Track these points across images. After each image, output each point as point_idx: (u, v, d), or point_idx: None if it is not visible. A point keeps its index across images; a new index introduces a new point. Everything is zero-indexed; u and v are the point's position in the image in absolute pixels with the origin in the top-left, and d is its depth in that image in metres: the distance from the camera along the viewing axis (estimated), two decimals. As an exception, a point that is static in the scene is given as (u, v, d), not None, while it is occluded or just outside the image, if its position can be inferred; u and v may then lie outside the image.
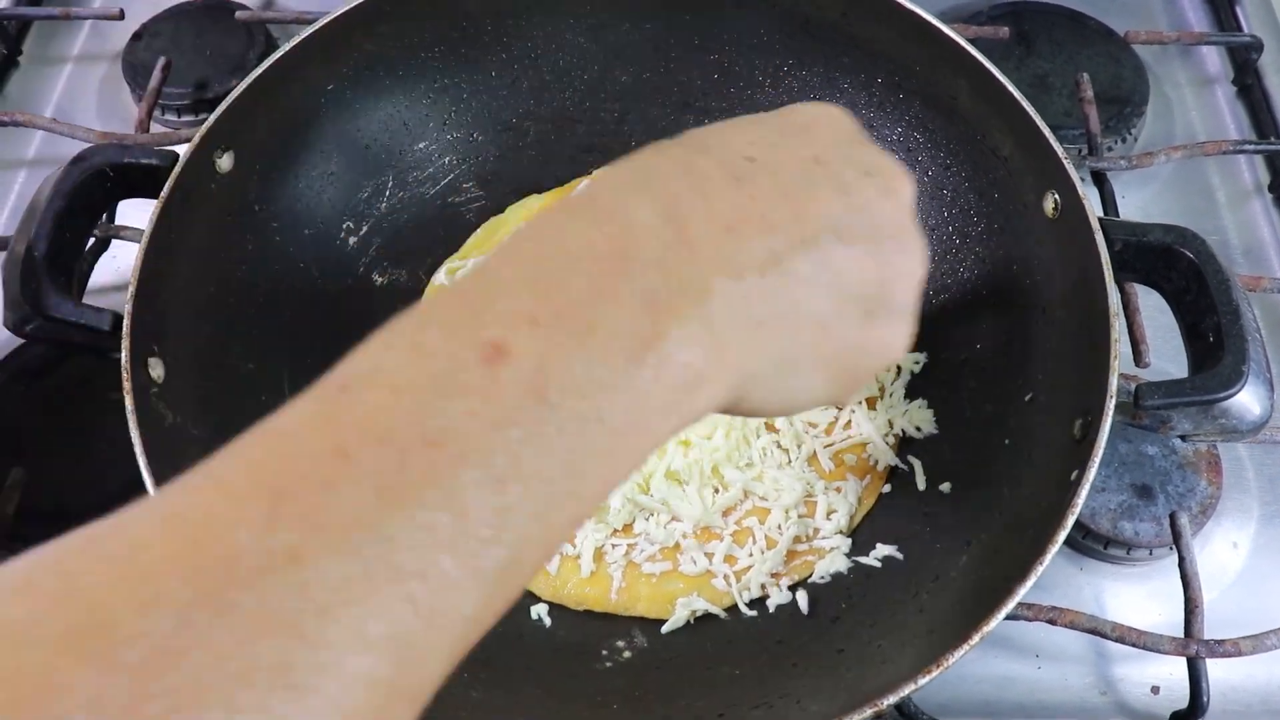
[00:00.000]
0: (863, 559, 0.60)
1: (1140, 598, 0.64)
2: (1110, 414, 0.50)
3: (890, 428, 0.64)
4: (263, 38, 0.88)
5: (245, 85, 0.62)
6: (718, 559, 0.60)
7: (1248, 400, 0.51)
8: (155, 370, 0.55)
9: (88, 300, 0.57)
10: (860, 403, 0.65)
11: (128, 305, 0.55)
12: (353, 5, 0.65)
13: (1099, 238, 0.54)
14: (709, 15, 0.72)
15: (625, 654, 0.58)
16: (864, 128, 0.75)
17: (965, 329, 0.65)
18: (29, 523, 0.63)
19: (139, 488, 0.50)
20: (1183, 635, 0.58)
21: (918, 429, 0.64)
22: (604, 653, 0.58)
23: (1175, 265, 0.55)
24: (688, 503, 0.61)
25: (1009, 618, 0.48)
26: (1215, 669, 0.58)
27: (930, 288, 0.67)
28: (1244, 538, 0.66)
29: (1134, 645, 0.57)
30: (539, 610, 0.60)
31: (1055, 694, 0.61)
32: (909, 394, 0.66)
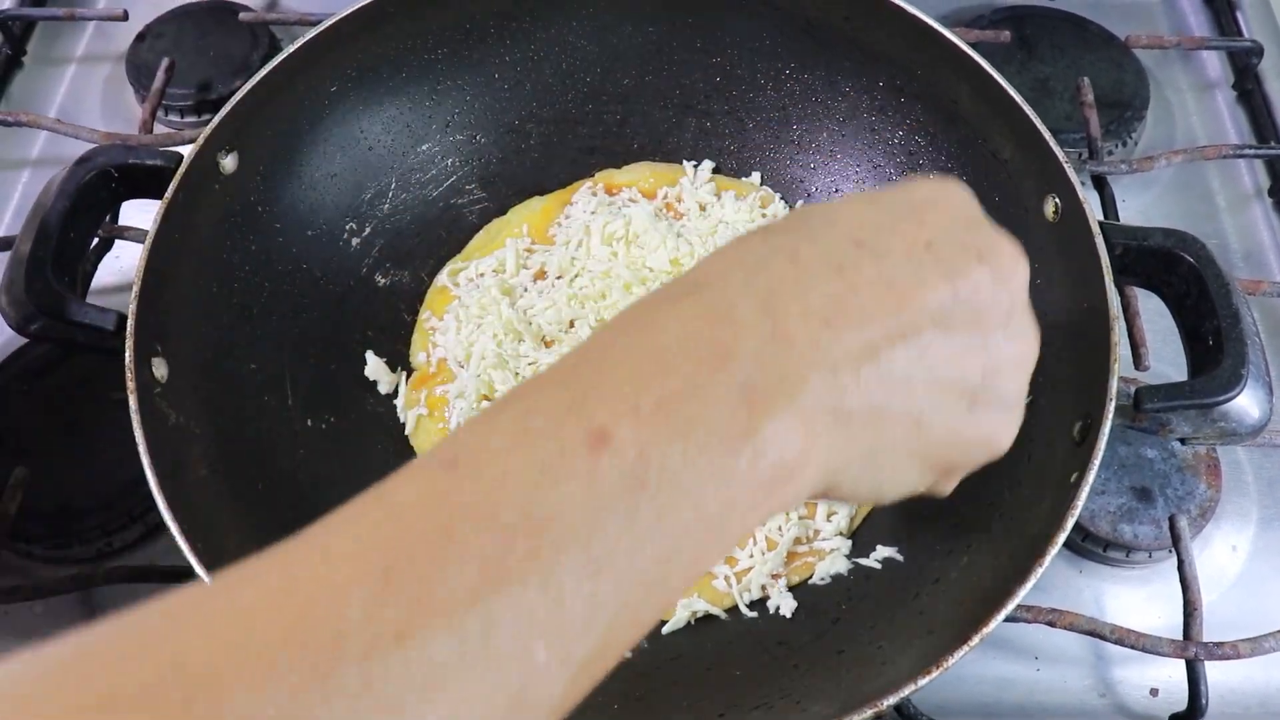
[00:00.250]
0: (863, 560, 0.60)
1: (1139, 600, 0.64)
2: (1110, 417, 0.50)
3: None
4: (266, 39, 0.88)
5: (249, 86, 0.62)
6: (718, 560, 0.60)
7: (1247, 403, 0.51)
8: (158, 370, 0.55)
9: (91, 300, 0.57)
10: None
11: (131, 305, 0.55)
12: (356, 7, 0.65)
13: (1099, 241, 0.55)
14: (711, 18, 0.72)
15: (625, 654, 0.58)
16: (866, 130, 0.75)
17: (966, 332, 0.65)
18: (32, 522, 0.63)
19: (142, 486, 0.51)
20: (1181, 638, 0.58)
21: (918, 431, 0.64)
22: (605, 653, 0.58)
23: (1175, 269, 0.55)
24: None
25: (1008, 619, 0.48)
26: (1214, 671, 0.59)
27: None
28: (1243, 541, 0.66)
29: (1133, 647, 0.57)
30: (540, 610, 0.60)
31: (1054, 696, 0.61)
32: (909, 396, 0.66)
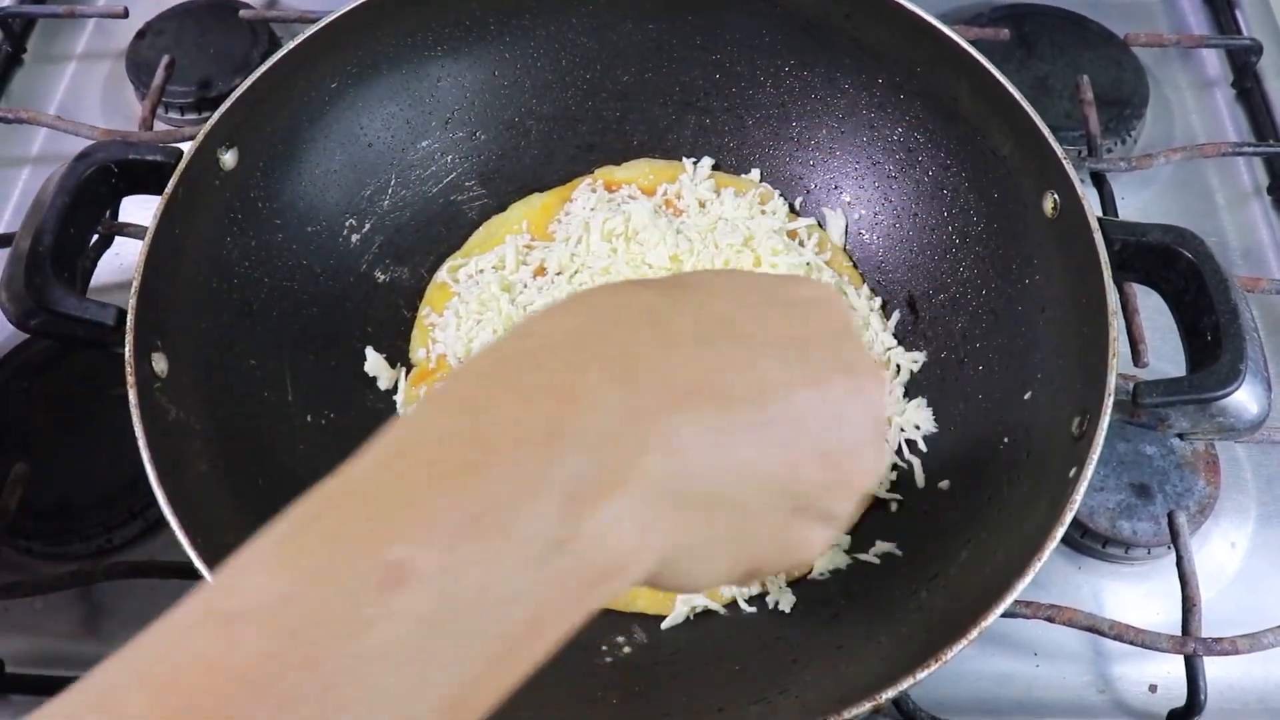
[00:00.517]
0: (862, 556, 0.60)
1: (1138, 596, 0.64)
2: (1108, 412, 0.50)
3: (889, 426, 0.64)
4: (266, 36, 0.88)
5: (250, 82, 0.62)
6: (717, 556, 0.60)
7: (1245, 399, 0.51)
8: (158, 365, 0.55)
9: (91, 298, 0.57)
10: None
11: (131, 300, 0.55)
12: (356, 4, 0.65)
13: (1098, 237, 0.55)
14: (711, 15, 0.72)
15: (625, 649, 0.58)
16: (865, 127, 0.75)
17: (964, 328, 0.65)
18: (31, 518, 0.63)
19: (142, 482, 0.51)
20: (1180, 634, 0.58)
21: (916, 427, 0.64)
22: (604, 648, 0.58)
23: (1174, 265, 0.55)
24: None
25: (1007, 615, 0.48)
26: (1212, 667, 0.59)
27: (930, 286, 0.68)
28: (1241, 537, 0.66)
29: (1132, 643, 0.57)
30: (539, 606, 0.60)
31: (1053, 692, 0.61)
32: (908, 392, 0.66)
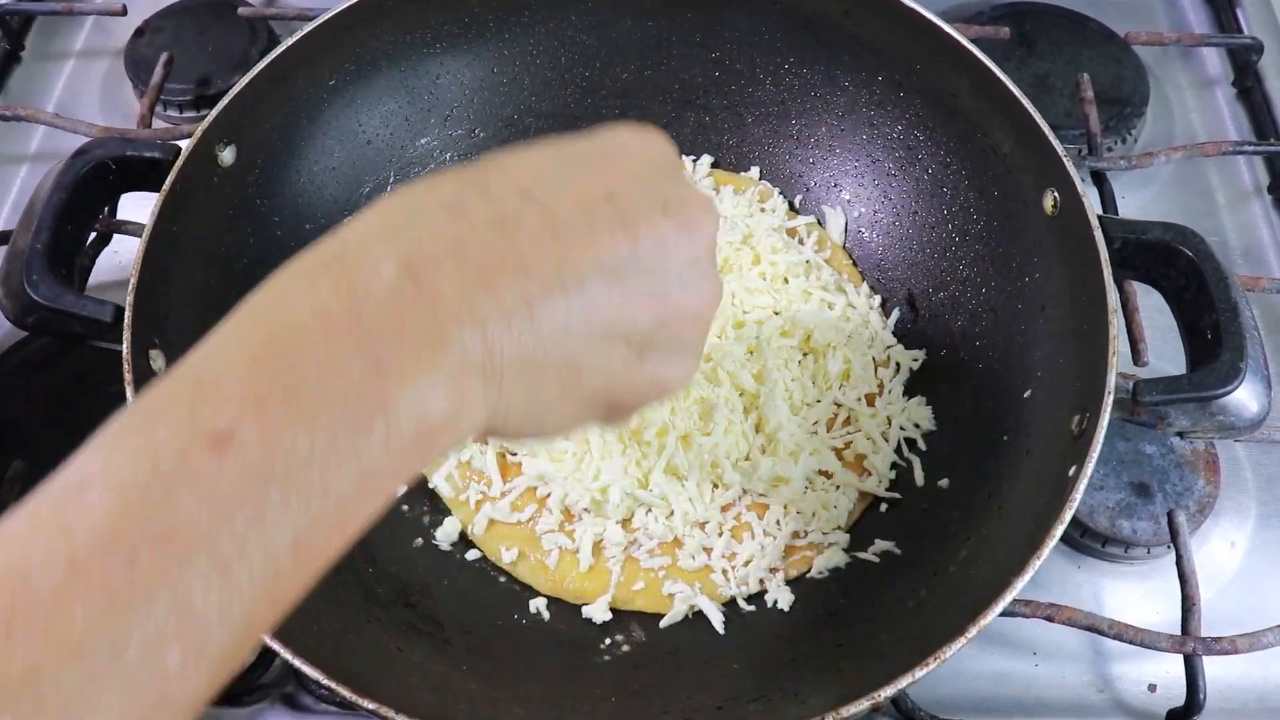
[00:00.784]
0: (861, 554, 0.60)
1: (1138, 596, 0.64)
2: (1108, 410, 0.50)
3: (889, 424, 0.64)
4: (265, 34, 0.88)
5: (248, 79, 0.62)
6: (717, 554, 0.60)
7: (1245, 397, 0.51)
8: (156, 362, 0.55)
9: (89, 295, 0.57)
10: (859, 399, 0.65)
11: (129, 297, 0.55)
12: (355, 1, 0.65)
13: (1098, 235, 0.55)
14: (710, 13, 0.72)
15: (624, 648, 0.58)
16: (865, 125, 0.75)
17: (964, 326, 0.65)
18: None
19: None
20: (1180, 633, 0.58)
21: (916, 426, 0.64)
22: (602, 646, 0.58)
23: (1174, 263, 0.55)
24: (687, 498, 0.61)
25: (1007, 614, 0.48)
26: (1212, 667, 0.58)
27: (930, 284, 0.68)
28: (1241, 537, 0.66)
29: (1131, 643, 0.57)
30: (538, 604, 0.60)
31: (1052, 691, 0.61)
32: (907, 391, 0.66)
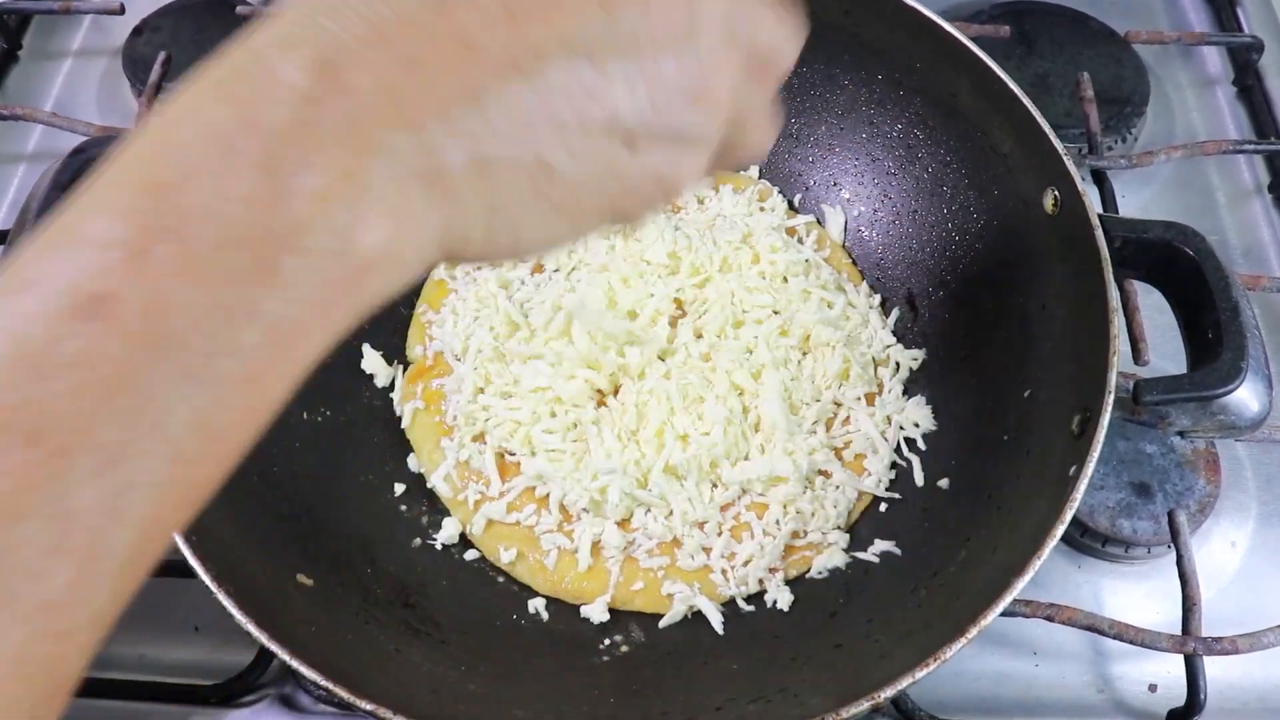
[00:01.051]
0: (860, 554, 0.60)
1: (1138, 596, 0.64)
2: (1109, 409, 0.50)
3: (888, 424, 0.64)
4: (263, 33, 0.88)
5: (245, 78, 0.62)
6: (716, 554, 0.60)
7: (1246, 396, 0.51)
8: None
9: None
10: (859, 398, 0.65)
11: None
12: None
13: (1099, 234, 0.54)
14: (710, 12, 0.72)
15: (623, 648, 0.58)
16: (864, 124, 0.74)
17: (964, 325, 0.65)
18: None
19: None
20: (1180, 633, 0.58)
21: (916, 425, 0.64)
22: (601, 647, 0.58)
23: (1175, 262, 0.55)
24: (686, 498, 0.61)
25: (1007, 614, 0.48)
26: (1212, 667, 0.58)
27: (930, 284, 0.67)
28: (1242, 536, 0.66)
29: (1131, 643, 0.57)
30: (536, 604, 0.59)
31: (1053, 691, 0.61)
32: (907, 390, 0.66)
